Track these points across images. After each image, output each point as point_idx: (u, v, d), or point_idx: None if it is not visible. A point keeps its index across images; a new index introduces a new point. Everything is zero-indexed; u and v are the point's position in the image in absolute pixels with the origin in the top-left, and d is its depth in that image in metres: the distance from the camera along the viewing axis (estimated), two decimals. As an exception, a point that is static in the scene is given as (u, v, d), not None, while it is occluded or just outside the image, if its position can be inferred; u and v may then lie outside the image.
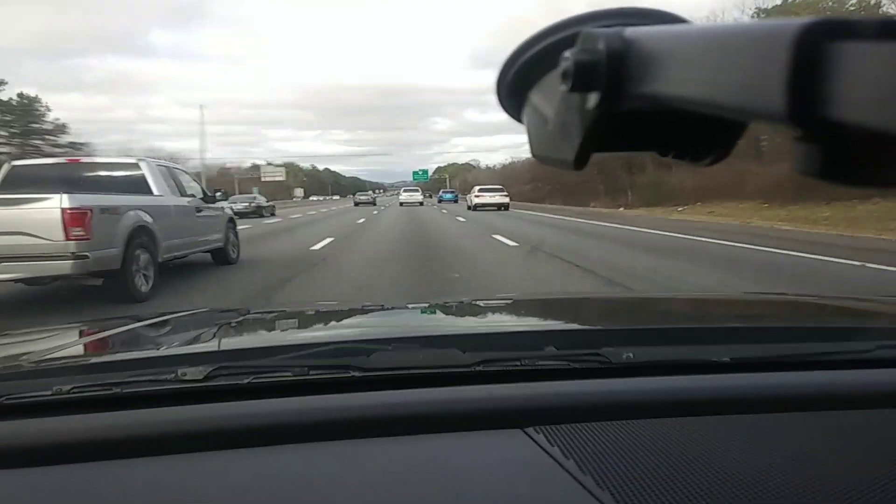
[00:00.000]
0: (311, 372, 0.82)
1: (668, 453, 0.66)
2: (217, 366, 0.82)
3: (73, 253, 5.39)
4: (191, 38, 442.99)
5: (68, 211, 5.38)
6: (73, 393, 0.77)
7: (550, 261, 9.10)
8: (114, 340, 1.27)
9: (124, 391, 0.78)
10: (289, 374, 0.82)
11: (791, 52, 0.22)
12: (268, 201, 34.70)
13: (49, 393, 0.77)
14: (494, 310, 1.64)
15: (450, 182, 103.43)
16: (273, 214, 30.97)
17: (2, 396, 0.76)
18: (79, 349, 1.11)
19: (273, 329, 1.44)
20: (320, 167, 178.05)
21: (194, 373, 0.80)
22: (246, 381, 0.80)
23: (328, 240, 12.89)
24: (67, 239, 5.37)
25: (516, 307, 1.72)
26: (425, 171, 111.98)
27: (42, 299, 6.31)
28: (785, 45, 0.22)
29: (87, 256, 5.45)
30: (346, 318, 1.53)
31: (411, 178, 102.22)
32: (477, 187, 35.59)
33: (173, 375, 0.81)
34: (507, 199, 32.95)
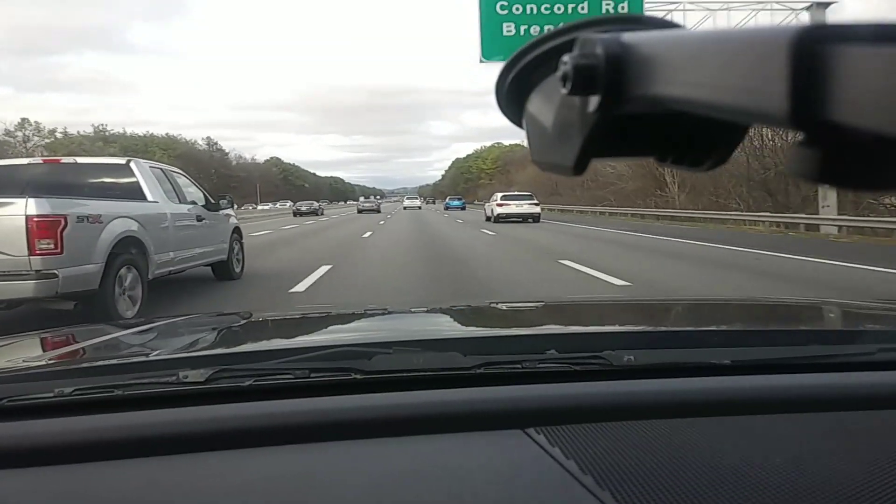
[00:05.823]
0: (312, 374, 0.83)
1: (669, 454, 0.67)
2: (218, 368, 0.82)
3: (37, 271, 4.41)
4: (176, 35, 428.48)
5: (35, 219, 4.40)
6: (75, 395, 0.78)
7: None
8: (116, 343, 1.29)
9: (126, 393, 0.79)
10: (290, 376, 0.82)
11: (790, 55, 0.22)
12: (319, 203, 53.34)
13: (51, 395, 0.78)
14: (496, 314, 1.65)
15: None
16: (322, 213, 45.08)
17: (4, 398, 0.77)
18: (81, 352, 1.14)
19: (275, 332, 1.47)
20: (260, 159, 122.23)
21: (196, 375, 0.81)
22: (247, 383, 0.80)
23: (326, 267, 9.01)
24: (33, 254, 4.39)
25: (518, 311, 1.72)
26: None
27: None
28: (784, 48, 0.22)
29: (55, 275, 4.46)
30: (349, 321, 1.53)
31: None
32: (499, 194, 29.65)
33: (175, 378, 0.81)
34: (537, 209, 26.92)
